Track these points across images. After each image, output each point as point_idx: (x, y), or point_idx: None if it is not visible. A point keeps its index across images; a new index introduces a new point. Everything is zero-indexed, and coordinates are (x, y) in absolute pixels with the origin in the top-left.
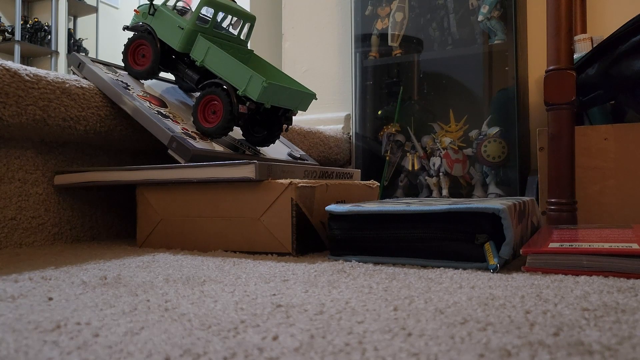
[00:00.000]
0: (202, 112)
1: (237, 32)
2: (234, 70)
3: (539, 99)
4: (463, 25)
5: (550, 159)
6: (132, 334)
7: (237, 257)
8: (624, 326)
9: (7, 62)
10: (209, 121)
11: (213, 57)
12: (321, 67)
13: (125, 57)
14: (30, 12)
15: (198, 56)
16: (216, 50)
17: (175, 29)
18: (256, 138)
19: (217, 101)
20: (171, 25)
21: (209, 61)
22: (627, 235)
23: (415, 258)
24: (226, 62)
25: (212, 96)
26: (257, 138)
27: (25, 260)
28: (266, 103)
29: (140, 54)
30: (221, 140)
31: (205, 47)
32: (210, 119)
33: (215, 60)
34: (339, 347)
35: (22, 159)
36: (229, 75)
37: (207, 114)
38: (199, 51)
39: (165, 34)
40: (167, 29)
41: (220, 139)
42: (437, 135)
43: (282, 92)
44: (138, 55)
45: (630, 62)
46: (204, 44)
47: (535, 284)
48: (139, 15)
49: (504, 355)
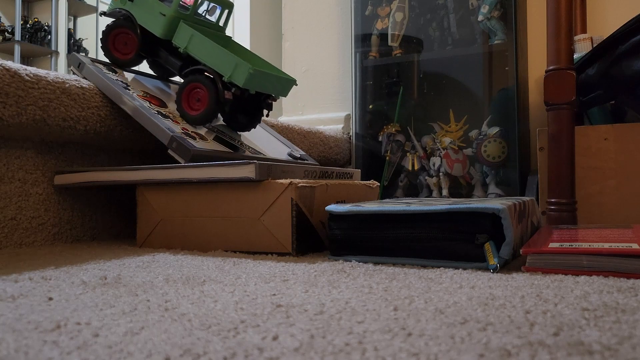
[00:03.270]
0: (187, 99)
1: (217, 19)
2: (218, 57)
3: (539, 99)
4: (463, 25)
5: (550, 159)
6: (132, 334)
7: (237, 257)
8: (624, 326)
9: (7, 62)
10: (194, 108)
11: (197, 44)
12: (321, 67)
13: (105, 45)
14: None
15: (181, 43)
16: (200, 37)
17: (157, 15)
18: (238, 124)
19: (201, 89)
20: (152, 11)
21: (193, 48)
22: (627, 235)
23: (415, 258)
24: (210, 49)
25: (196, 84)
26: (238, 124)
27: (25, 260)
28: (251, 89)
29: (122, 42)
30: (221, 140)
31: (188, 34)
32: (195, 106)
33: (199, 47)
34: (339, 347)
35: (22, 159)
36: (214, 62)
37: (192, 102)
38: (182, 38)
39: (145, 20)
40: (148, 15)
41: (220, 139)
42: (437, 135)
43: (266, 78)
44: (120, 44)
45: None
46: (187, 31)
47: (535, 284)
48: (117, 1)
49: (504, 355)
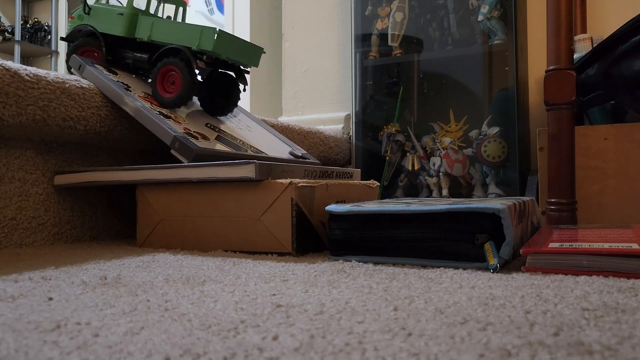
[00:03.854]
0: (161, 83)
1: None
2: (183, 31)
3: (539, 99)
4: (463, 25)
5: (550, 159)
6: (132, 334)
7: (237, 257)
8: (624, 326)
9: (7, 62)
10: (168, 91)
11: (159, 29)
12: (321, 67)
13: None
14: (30, 12)
15: (144, 34)
16: (161, 21)
17: (115, 17)
18: (216, 107)
19: (174, 71)
20: (109, 15)
21: (156, 34)
22: (627, 235)
23: (415, 258)
24: (173, 28)
25: (169, 67)
26: (216, 107)
27: (25, 260)
28: (222, 54)
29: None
30: (223, 139)
31: (149, 22)
32: (170, 89)
33: (162, 31)
34: (339, 347)
35: (22, 159)
36: (180, 38)
37: (166, 85)
38: (144, 29)
39: (106, 26)
40: (107, 20)
41: (222, 138)
42: (437, 135)
43: (234, 43)
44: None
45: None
46: (147, 20)
47: (535, 284)
48: (74, 20)
49: (504, 355)
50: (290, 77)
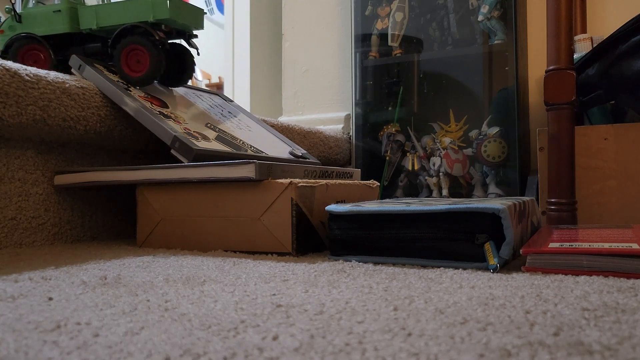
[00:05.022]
0: (126, 64)
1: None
2: (132, 8)
3: (539, 99)
4: (463, 25)
5: (550, 159)
6: (132, 334)
7: (237, 257)
8: (624, 326)
9: (7, 62)
10: (136, 70)
11: (105, 14)
12: (321, 67)
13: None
14: None
15: (90, 23)
16: (105, 6)
17: (53, 16)
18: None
19: (138, 49)
20: (46, 16)
21: (104, 20)
22: (627, 235)
23: (415, 258)
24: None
25: (131, 46)
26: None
27: (25, 260)
28: (178, 19)
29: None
30: (223, 139)
31: (93, 11)
32: (137, 67)
33: (109, 16)
34: (339, 347)
35: (22, 159)
36: (131, 16)
37: (132, 64)
38: (88, 19)
39: (46, 28)
40: (44, 22)
41: (223, 138)
42: (437, 135)
43: (182, 9)
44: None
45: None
46: (89, 9)
47: (535, 284)
48: (5, 33)
49: (504, 355)
50: (290, 77)
